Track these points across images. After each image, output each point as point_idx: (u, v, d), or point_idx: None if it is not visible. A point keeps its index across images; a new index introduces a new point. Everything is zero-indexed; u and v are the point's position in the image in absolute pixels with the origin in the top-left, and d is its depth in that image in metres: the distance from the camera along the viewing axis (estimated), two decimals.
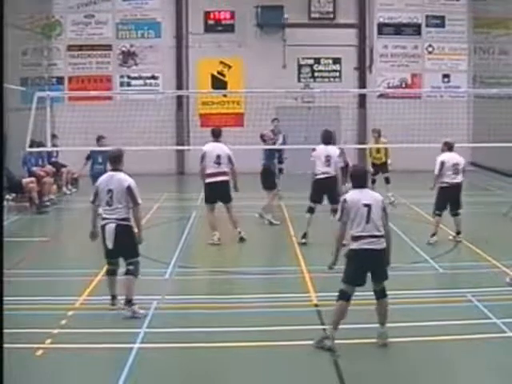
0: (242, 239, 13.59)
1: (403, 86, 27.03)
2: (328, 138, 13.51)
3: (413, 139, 18.88)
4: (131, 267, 8.99)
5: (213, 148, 13.56)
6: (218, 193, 13.54)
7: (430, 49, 27.25)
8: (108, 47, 26.78)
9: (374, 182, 17.98)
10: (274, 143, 17.05)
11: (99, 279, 10.46)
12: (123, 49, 26.83)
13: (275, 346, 7.76)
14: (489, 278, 10.41)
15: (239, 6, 26.43)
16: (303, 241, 13.18)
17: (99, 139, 16.55)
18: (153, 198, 17.79)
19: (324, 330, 7.89)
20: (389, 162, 18.45)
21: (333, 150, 13.29)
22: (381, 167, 18.45)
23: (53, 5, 26.31)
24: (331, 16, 26.86)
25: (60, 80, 26.54)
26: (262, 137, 16.10)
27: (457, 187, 13.22)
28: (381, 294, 7.78)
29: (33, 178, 17.73)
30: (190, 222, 15.92)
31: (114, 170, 9.22)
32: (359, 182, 7.95)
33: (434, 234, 13.07)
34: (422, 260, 11.80)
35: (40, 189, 17.79)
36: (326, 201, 13.53)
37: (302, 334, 8.07)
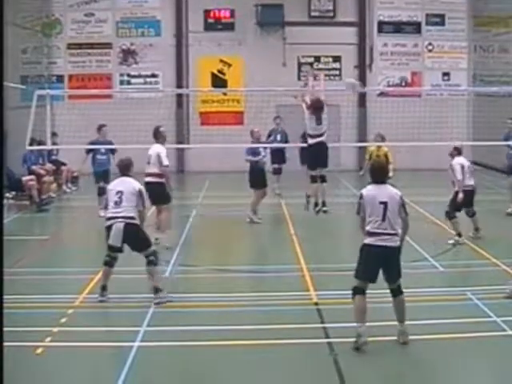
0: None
1: (403, 84, 27.04)
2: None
3: (413, 137, 18.89)
4: (151, 257, 9.48)
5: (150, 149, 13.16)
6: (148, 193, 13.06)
7: (430, 47, 27.25)
8: (108, 45, 26.78)
9: None
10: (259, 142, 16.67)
11: (99, 277, 10.47)
12: (123, 47, 26.83)
13: (275, 344, 7.76)
14: (489, 277, 10.42)
15: (239, 4, 26.44)
16: (324, 208, 14.10)
17: (100, 128, 16.34)
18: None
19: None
20: (390, 174, 17.41)
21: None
22: None
23: (53, 3, 26.31)
24: (331, 14, 26.87)
25: (60, 78, 26.55)
26: (251, 133, 16.02)
27: (474, 190, 13.29)
28: (396, 292, 7.80)
29: (33, 176, 17.73)
30: (190, 220, 15.92)
31: (124, 175, 9.83)
32: (377, 176, 7.90)
33: (459, 234, 12.96)
34: (422, 258, 11.81)
35: (40, 187, 17.80)
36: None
37: (301, 332, 8.07)
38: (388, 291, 7.91)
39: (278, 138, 18.67)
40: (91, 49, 26.73)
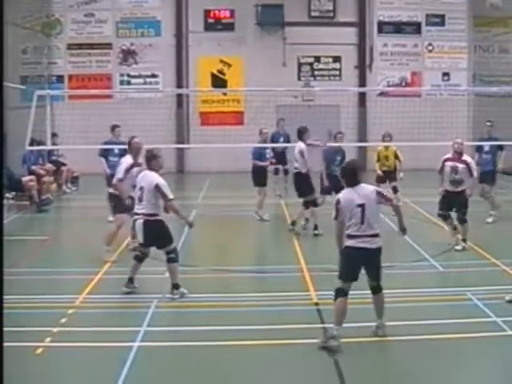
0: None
1: (403, 84, 27.06)
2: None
3: (413, 137, 18.90)
4: (172, 255, 9.65)
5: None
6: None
7: (430, 47, 27.27)
8: (108, 46, 26.81)
9: None
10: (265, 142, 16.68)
11: (99, 277, 10.48)
12: (123, 47, 26.85)
13: (275, 344, 7.76)
14: (489, 277, 10.41)
15: (239, 4, 26.46)
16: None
17: (114, 128, 15.37)
18: None
19: (325, 329, 7.87)
20: (401, 175, 16.51)
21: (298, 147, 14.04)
22: (389, 175, 16.65)
23: (53, 3, 26.34)
24: (331, 14, 26.89)
25: (60, 78, 26.58)
26: (260, 132, 16.04)
27: (463, 190, 12.72)
28: (376, 290, 7.98)
29: (32, 177, 17.73)
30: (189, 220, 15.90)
31: (149, 168, 9.79)
32: (352, 179, 7.87)
33: (464, 240, 12.64)
34: (423, 259, 11.81)
35: (40, 187, 17.80)
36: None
37: (302, 332, 8.07)
38: (390, 292, 7.91)
39: (281, 140, 18.62)
40: (91, 49, 26.75)
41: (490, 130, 16.23)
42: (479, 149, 16.00)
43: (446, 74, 27.29)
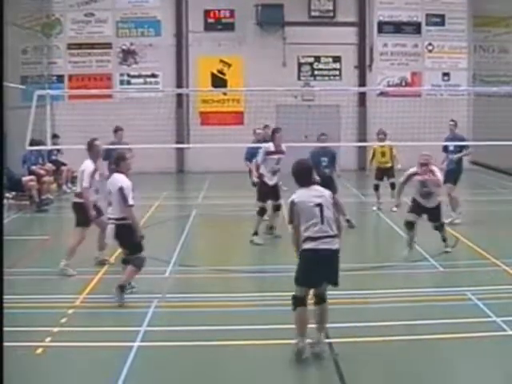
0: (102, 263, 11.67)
1: (403, 84, 27.05)
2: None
3: (412, 137, 18.86)
4: (136, 261, 9.42)
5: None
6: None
7: (430, 47, 27.27)
8: (108, 45, 26.80)
9: (377, 188, 16.95)
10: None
11: (99, 277, 10.48)
12: (123, 47, 26.84)
13: (275, 344, 7.75)
14: (489, 277, 10.41)
15: (239, 4, 26.45)
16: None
17: (117, 131, 15.48)
18: (152, 197, 17.79)
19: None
20: (398, 166, 16.76)
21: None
22: (386, 172, 17.09)
23: (53, 3, 26.34)
24: (331, 14, 26.89)
25: (60, 78, 26.58)
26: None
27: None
28: (320, 299, 7.45)
29: (33, 177, 17.73)
30: (189, 220, 15.93)
31: (117, 171, 9.65)
32: (305, 179, 7.46)
33: (444, 239, 12.26)
34: (422, 258, 11.80)
35: (40, 187, 17.81)
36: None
37: None
38: (390, 292, 7.89)
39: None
40: (91, 49, 26.75)
41: (452, 129, 16.04)
42: (445, 149, 15.91)
43: (446, 74, 27.29)
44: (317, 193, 7.40)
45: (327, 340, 7.77)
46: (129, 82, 26.83)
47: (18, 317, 8.20)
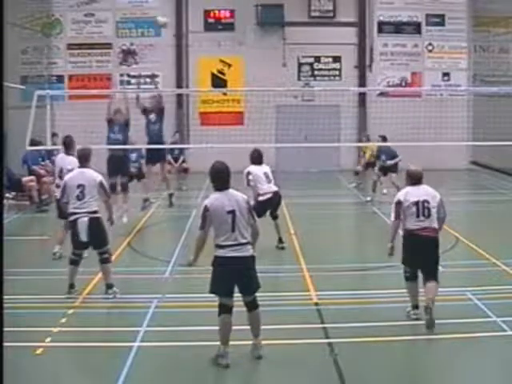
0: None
1: (403, 84, 27.04)
2: (259, 158, 13.02)
3: (413, 137, 18.89)
4: (106, 255, 9.64)
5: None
6: None
7: (430, 47, 27.26)
8: (108, 45, 26.80)
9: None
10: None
11: (99, 278, 10.47)
12: (123, 47, 26.84)
13: (275, 344, 7.76)
14: (488, 277, 10.41)
15: (239, 4, 26.44)
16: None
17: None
18: (152, 197, 17.77)
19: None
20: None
21: (266, 168, 13.02)
22: (371, 165, 19.77)
23: (53, 3, 26.33)
24: (331, 14, 26.88)
25: (60, 78, 26.56)
26: None
27: None
28: (252, 305, 7.37)
29: (33, 177, 17.71)
30: (190, 220, 15.92)
31: (83, 167, 9.82)
32: (222, 183, 7.27)
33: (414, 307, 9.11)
34: None
35: (40, 187, 17.79)
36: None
37: (302, 332, 8.07)
38: (390, 292, 7.89)
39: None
40: (91, 49, 26.75)
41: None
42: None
43: (446, 74, 27.27)
44: (231, 199, 7.22)
45: (327, 340, 7.79)
46: (129, 83, 26.82)
47: (18, 317, 8.20)
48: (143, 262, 12.11)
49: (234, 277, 7.16)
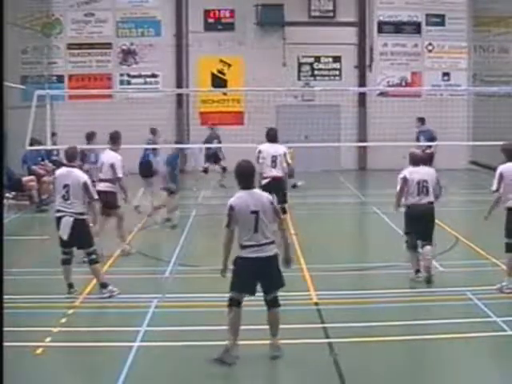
0: (127, 253, 12.34)
1: (403, 84, 27.03)
2: (274, 135, 13.24)
3: (413, 137, 18.91)
4: (93, 256, 9.65)
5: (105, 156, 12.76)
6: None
7: (430, 47, 27.26)
8: (108, 45, 26.80)
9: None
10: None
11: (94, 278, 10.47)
12: (123, 47, 26.84)
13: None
14: (488, 277, 10.40)
15: (239, 4, 26.44)
16: None
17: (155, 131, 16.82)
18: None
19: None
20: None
21: (279, 149, 13.07)
22: None
23: (53, 3, 26.34)
24: (331, 14, 26.87)
25: (60, 78, 26.56)
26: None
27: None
28: (273, 304, 7.38)
29: (33, 177, 17.62)
30: (190, 220, 15.93)
31: (70, 166, 9.87)
32: (248, 181, 7.29)
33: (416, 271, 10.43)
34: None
35: (40, 187, 17.79)
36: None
37: (302, 332, 8.07)
38: (390, 292, 7.90)
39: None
40: (91, 49, 26.74)
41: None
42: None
43: (446, 74, 27.27)
44: (256, 198, 7.24)
45: (327, 340, 7.79)
46: (129, 82, 26.82)
47: (19, 317, 8.20)
48: (143, 262, 12.12)
49: (257, 276, 7.22)
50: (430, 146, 18.02)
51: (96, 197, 9.92)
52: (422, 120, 19.12)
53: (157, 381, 7.05)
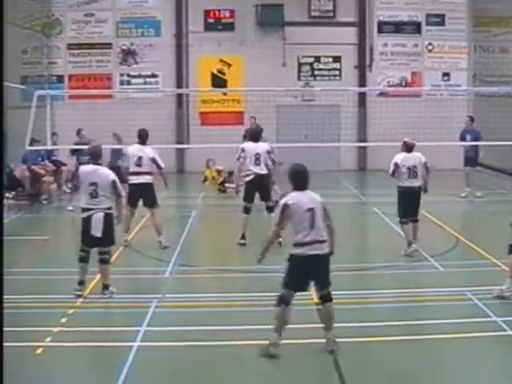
0: (164, 247, 12.84)
1: (403, 84, 27.02)
2: (257, 135, 13.55)
3: (412, 137, 18.85)
4: (106, 256, 9.71)
5: (134, 150, 13.23)
6: (139, 194, 13.12)
7: (430, 47, 27.25)
8: (108, 45, 26.78)
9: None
10: None
11: (99, 277, 10.47)
12: (123, 47, 26.83)
13: None
14: (489, 277, 10.41)
15: (239, 4, 26.43)
16: (241, 242, 12.99)
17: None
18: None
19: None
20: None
21: (262, 147, 13.29)
22: None
23: (53, 3, 26.31)
24: (331, 14, 26.85)
25: (60, 78, 26.55)
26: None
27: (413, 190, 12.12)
28: (326, 298, 7.54)
29: (24, 166, 17.69)
30: (190, 220, 15.93)
31: (96, 164, 9.82)
32: (303, 183, 7.51)
33: (409, 244, 12.03)
34: (422, 258, 11.80)
35: (39, 186, 17.82)
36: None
37: (302, 332, 8.07)
38: (390, 292, 7.90)
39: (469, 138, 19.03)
40: (91, 49, 26.72)
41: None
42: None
43: (446, 74, 27.26)
44: (310, 197, 7.47)
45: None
46: (129, 82, 26.80)
47: (19, 317, 8.21)
48: (143, 262, 12.12)
49: (311, 274, 7.40)
50: (475, 146, 18.20)
51: (124, 194, 10.04)
52: (472, 119, 19.14)
53: (157, 381, 7.06)
